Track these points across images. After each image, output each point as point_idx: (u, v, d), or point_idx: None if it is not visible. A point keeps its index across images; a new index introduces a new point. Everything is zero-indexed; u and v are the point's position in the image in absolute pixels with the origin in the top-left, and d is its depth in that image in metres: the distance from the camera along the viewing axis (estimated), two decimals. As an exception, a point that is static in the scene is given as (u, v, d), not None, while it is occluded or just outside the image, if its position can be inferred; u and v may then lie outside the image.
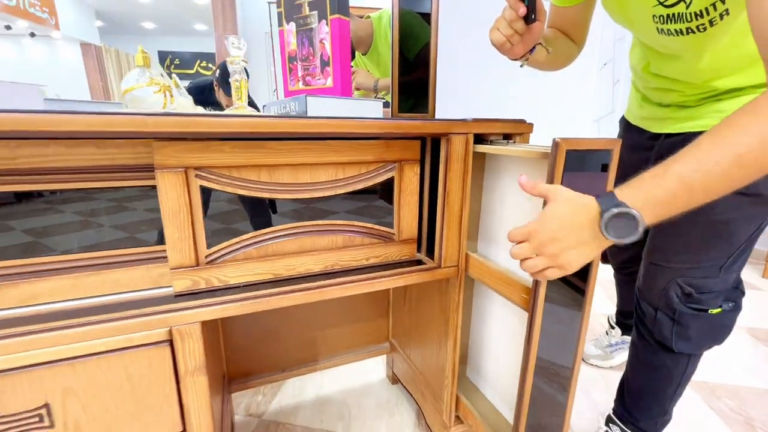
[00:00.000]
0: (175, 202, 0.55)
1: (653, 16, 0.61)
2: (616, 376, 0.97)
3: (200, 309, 0.56)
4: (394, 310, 1.11)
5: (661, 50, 0.69)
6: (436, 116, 1.06)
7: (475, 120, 0.67)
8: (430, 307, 0.87)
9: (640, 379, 0.82)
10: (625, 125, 0.88)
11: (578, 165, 0.51)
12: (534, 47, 0.70)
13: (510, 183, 0.68)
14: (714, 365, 1.27)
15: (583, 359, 1.26)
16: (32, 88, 0.53)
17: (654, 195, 0.44)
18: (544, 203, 0.49)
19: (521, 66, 0.76)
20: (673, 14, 0.58)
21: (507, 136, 0.71)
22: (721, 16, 0.55)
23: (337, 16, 0.67)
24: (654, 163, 0.46)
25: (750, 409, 1.09)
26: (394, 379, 1.16)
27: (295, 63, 0.76)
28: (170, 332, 0.54)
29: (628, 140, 0.79)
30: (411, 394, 1.04)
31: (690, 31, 0.58)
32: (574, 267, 0.48)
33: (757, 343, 1.43)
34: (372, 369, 1.23)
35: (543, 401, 0.66)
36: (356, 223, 0.70)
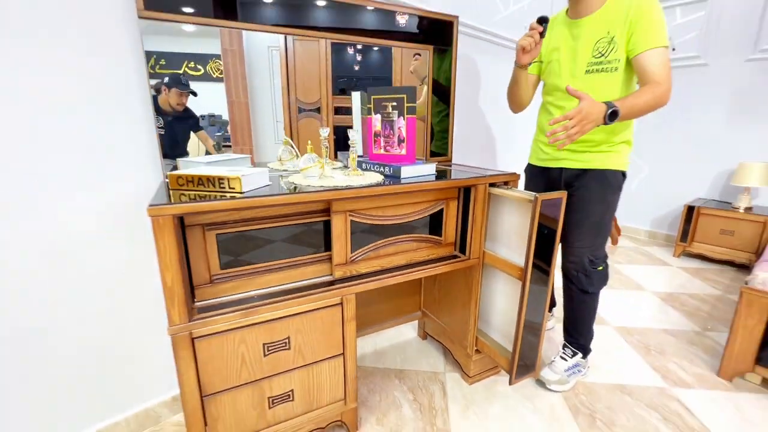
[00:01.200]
0: (339, 229, 1.03)
1: (588, 63, 1.20)
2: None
3: (354, 287, 1.04)
4: (425, 289, 1.63)
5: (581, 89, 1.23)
6: (454, 150, 1.58)
7: (491, 176, 1.19)
8: (456, 284, 1.40)
9: (573, 313, 1.41)
10: (532, 168, 1.47)
11: (546, 201, 1.05)
12: (531, 63, 1.27)
13: (506, 210, 1.20)
14: (631, 317, 1.89)
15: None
16: (264, 171, 0.98)
17: (622, 105, 1.03)
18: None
19: (521, 68, 1.29)
20: (600, 61, 1.18)
21: (506, 183, 1.24)
22: (615, 69, 1.15)
23: (410, 115, 1.16)
24: (563, 186, 1.07)
25: (649, 340, 1.71)
26: (424, 336, 1.69)
27: (378, 137, 1.24)
28: (341, 299, 1.03)
29: (539, 178, 1.42)
30: (440, 342, 1.57)
31: (603, 69, 1.18)
32: (587, 131, 1.02)
33: (661, 303, 2.08)
34: (406, 332, 1.75)
35: (526, 338, 1.20)
36: (423, 235, 1.20)
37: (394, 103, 1.17)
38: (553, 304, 1.79)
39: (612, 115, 1.02)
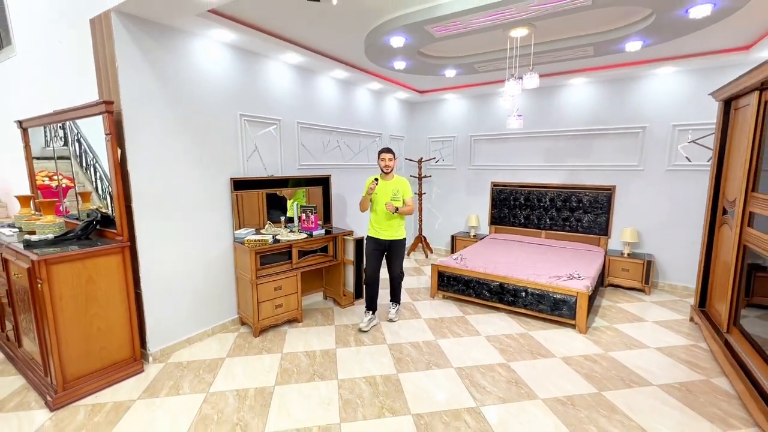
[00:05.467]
0: (294, 252, 3.36)
1: (390, 197, 3.76)
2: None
3: (300, 270, 3.37)
4: (325, 276, 4.00)
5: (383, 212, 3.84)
6: (333, 217, 4.10)
7: (343, 233, 3.67)
8: (335, 272, 3.81)
9: (396, 290, 3.91)
10: (369, 238, 3.99)
11: (360, 240, 3.56)
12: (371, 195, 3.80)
13: (349, 244, 3.66)
14: (413, 285, 4.52)
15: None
16: (270, 236, 3.25)
17: (400, 210, 3.53)
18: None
19: (369, 195, 3.78)
20: (394, 197, 3.74)
21: (349, 234, 3.73)
22: (398, 200, 3.75)
23: (315, 214, 3.56)
24: (388, 251, 3.62)
25: (414, 292, 4.32)
26: (325, 297, 4.04)
27: (304, 220, 3.60)
28: (297, 274, 3.34)
29: (375, 244, 3.93)
30: (331, 297, 3.94)
31: (395, 200, 3.75)
32: (391, 212, 3.55)
33: (427, 278, 4.78)
34: (317, 296, 4.07)
35: (360, 287, 3.65)
36: (322, 253, 3.59)
37: (310, 210, 3.60)
38: (374, 309, 4.25)
39: (396, 210, 3.58)
